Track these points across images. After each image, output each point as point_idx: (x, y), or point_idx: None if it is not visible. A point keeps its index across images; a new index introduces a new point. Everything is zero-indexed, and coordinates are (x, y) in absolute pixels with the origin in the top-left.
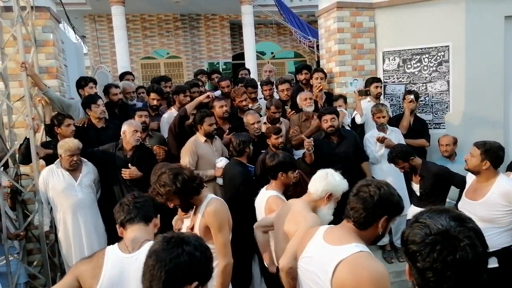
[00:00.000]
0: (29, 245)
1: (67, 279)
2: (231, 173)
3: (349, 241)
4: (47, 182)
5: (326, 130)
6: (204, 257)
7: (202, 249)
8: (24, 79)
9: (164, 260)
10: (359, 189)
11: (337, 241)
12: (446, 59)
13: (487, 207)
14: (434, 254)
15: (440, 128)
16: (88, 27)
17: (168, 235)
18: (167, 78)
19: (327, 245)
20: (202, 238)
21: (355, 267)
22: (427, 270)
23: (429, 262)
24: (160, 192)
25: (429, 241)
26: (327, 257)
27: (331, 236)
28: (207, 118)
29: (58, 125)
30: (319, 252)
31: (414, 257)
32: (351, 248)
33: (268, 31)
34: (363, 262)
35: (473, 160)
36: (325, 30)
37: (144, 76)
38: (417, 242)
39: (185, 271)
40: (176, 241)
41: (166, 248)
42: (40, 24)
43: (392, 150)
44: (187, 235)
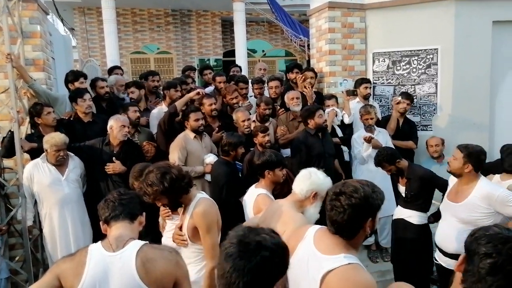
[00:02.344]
0: (11, 239)
1: (47, 277)
2: (216, 172)
3: (338, 252)
4: (32, 176)
5: (321, 125)
6: (283, 261)
7: (279, 252)
8: (9, 70)
9: (242, 270)
10: (332, 203)
11: (327, 250)
12: (435, 62)
13: (468, 209)
14: (502, 246)
15: (427, 130)
16: (77, 19)
17: (244, 237)
18: (155, 72)
19: (317, 253)
20: (278, 235)
21: (343, 279)
22: (488, 257)
23: (495, 250)
24: (147, 191)
25: (504, 236)
26: (316, 264)
27: (321, 243)
28: (192, 113)
29: (37, 115)
30: (309, 258)
31: (481, 243)
32: (339, 259)
33: (260, 29)
34: (351, 275)
35: (455, 163)
36: (316, 29)
37: (134, 71)
38: (491, 234)
39: (264, 280)
40: (253, 246)
41: (243, 255)
42: (27, 15)
43: (378, 154)
44: (264, 236)
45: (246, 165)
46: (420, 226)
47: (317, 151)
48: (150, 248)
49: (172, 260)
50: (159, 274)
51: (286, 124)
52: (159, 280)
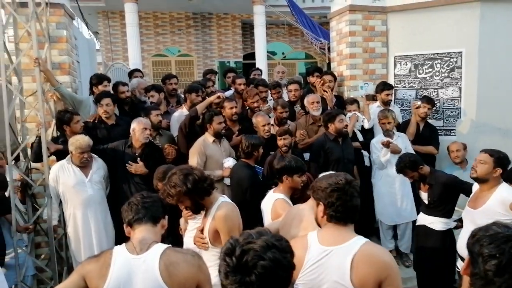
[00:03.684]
0: (37, 238)
1: (73, 277)
2: (238, 175)
3: (350, 237)
4: (58, 177)
5: (341, 130)
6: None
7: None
8: (37, 74)
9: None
10: (340, 192)
11: (339, 241)
12: (459, 65)
13: (486, 215)
14: (504, 246)
15: (450, 135)
16: (101, 23)
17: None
18: (172, 75)
19: (330, 248)
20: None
21: (370, 256)
22: (492, 258)
23: (497, 251)
24: (170, 193)
25: (505, 235)
26: (336, 258)
27: (327, 238)
28: (215, 117)
29: (67, 124)
30: (324, 257)
31: (483, 244)
32: (355, 242)
33: (280, 31)
34: (374, 250)
35: (484, 167)
36: (337, 32)
37: (155, 74)
38: (492, 234)
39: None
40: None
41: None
42: (54, 20)
43: (399, 161)
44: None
45: (267, 168)
46: (443, 232)
47: (335, 156)
48: (173, 251)
49: (194, 264)
50: (182, 277)
51: (305, 128)
52: (182, 283)
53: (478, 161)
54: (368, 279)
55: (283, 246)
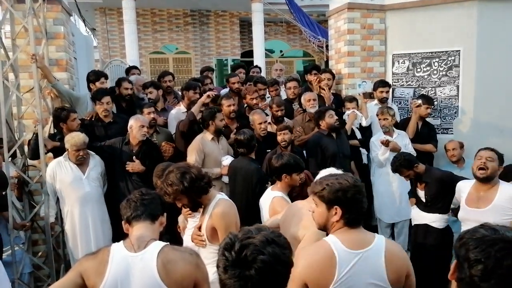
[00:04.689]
0: (34, 235)
1: (70, 275)
2: (245, 170)
3: (371, 237)
4: (55, 174)
5: (333, 124)
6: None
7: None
8: (34, 70)
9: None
10: (355, 194)
11: (366, 242)
12: (457, 64)
13: (496, 213)
14: (490, 249)
15: (448, 133)
16: (98, 20)
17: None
18: (168, 72)
19: (360, 251)
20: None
21: (397, 252)
22: (478, 263)
23: (483, 255)
24: (167, 191)
25: (491, 238)
26: (369, 260)
27: (354, 242)
28: (218, 113)
29: (63, 121)
30: (357, 262)
31: (469, 248)
32: (380, 241)
33: (278, 29)
34: (395, 246)
35: (493, 164)
36: (335, 30)
37: (153, 71)
38: (478, 237)
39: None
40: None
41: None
42: (51, 16)
43: (394, 160)
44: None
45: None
46: (443, 230)
47: (331, 151)
48: (171, 249)
49: (192, 262)
50: (179, 275)
51: (302, 126)
52: (179, 281)
53: (486, 158)
54: (401, 274)
55: (282, 242)
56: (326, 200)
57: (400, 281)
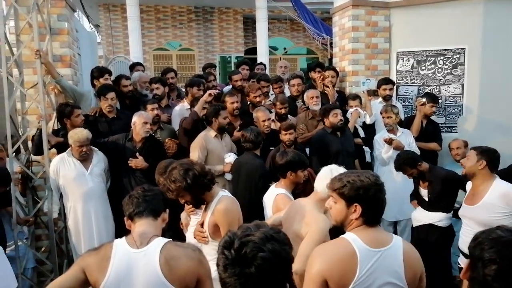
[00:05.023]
0: (38, 231)
1: (73, 270)
2: (250, 165)
3: (389, 235)
4: (58, 170)
5: (337, 124)
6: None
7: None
8: (38, 66)
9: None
10: (376, 193)
11: (385, 241)
12: (462, 62)
13: (485, 210)
14: (506, 250)
15: (452, 131)
16: (102, 16)
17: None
18: (170, 69)
19: (380, 250)
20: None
21: (412, 253)
22: (492, 263)
23: (498, 256)
24: (170, 187)
25: (507, 240)
26: (388, 259)
27: (374, 240)
28: (222, 111)
29: (67, 117)
30: (377, 260)
31: (484, 248)
32: (397, 241)
33: (282, 26)
34: (410, 247)
35: (468, 162)
36: (339, 28)
37: (156, 67)
38: (494, 238)
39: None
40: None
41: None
42: (55, 12)
43: (398, 158)
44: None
45: (270, 162)
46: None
47: (335, 149)
48: (173, 245)
49: (195, 258)
50: (182, 272)
51: (305, 123)
52: (182, 277)
53: (466, 158)
54: (417, 274)
55: (282, 238)
56: (346, 197)
57: (415, 281)
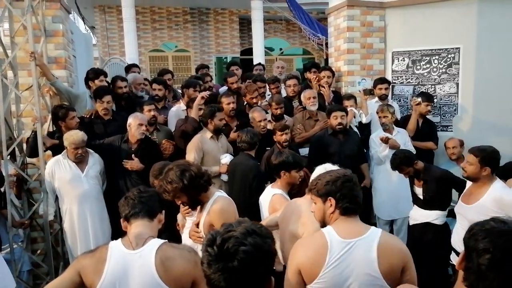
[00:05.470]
0: (33, 233)
1: (68, 272)
2: (244, 165)
3: (366, 227)
4: (53, 172)
5: (335, 127)
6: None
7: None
8: (33, 68)
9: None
10: (349, 184)
11: (359, 232)
12: (456, 61)
13: (478, 212)
14: (499, 240)
15: (447, 130)
16: (97, 18)
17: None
18: (166, 70)
19: (352, 240)
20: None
21: (392, 245)
22: (486, 252)
23: (491, 246)
24: (167, 189)
25: (500, 230)
26: (361, 250)
27: (347, 231)
28: (218, 112)
29: (62, 119)
30: (348, 250)
31: (478, 239)
32: (374, 232)
33: (277, 27)
34: (392, 239)
35: (471, 168)
36: (335, 28)
37: (152, 69)
38: (487, 228)
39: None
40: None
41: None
42: (50, 14)
43: (394, 157)
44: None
45: (265, 163)
46: (441, 226)
47: (332, 150)
48: (169, 247)
49: (191, 259)
50: (178, 273)
51: (302, 123)
52: (178, 279)
53: (466, 162)
54: (394, 267)
55: (263, 232)
56: (320, 194)
57: (393, 273)
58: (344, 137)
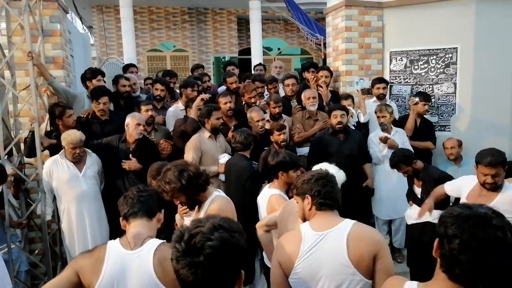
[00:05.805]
0: (31, 233)
1: (66, 272)
2: (237, 166)
3: (339, 220)
4: (51, 172)
5: (335, 126)
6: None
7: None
8: (30, 68)
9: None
10: (327, 181)
11: (331, 224)
12: (454, 61)
13: None
14: (465, 225)
15: (445, 130)
16: (95, 17)
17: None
18: (173, 73)
19: (324, 232)
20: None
21: (362, 234)
22: (455, 238)
23: (459, 231)
24: (165, 189)
25: (465, 215)
26: (332, 240)
27: (320, 224)
28: (214, 112)
29: (59, 117)
30: (319, 242)
31: (447, 226)
32: (347, 223)
33: (276, 27)
34: (364, 229)
35: (501, 177)
36: (333, 28)
37: (150, 69)
38: (455, 215)
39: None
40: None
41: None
42: (47, 13)
43: (393, 156)
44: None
45: (262, 163)
46: None
47: (332, 150)
48: (167, 247)
49: None
50: None
51: (302, 122)
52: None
53: (492, 177)
54: (363, 255)
55: (232, 226)
56: (298, 192)
57: (365, 262)
58: (344, 136)
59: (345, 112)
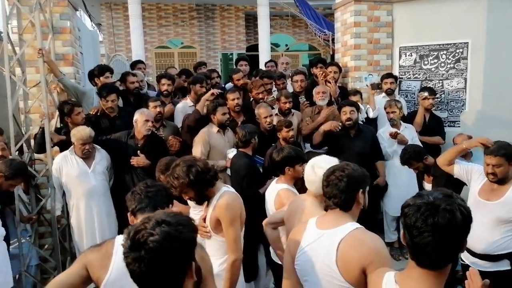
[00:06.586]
0: (41, 228)
1: (75, 267)
2: (236, 164)
3: (344, 222)
4: (61, 168)
5: (344, 123)
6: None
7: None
8: (40, 65)
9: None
10: (327, 179)
11: (332, 225)
12: (465, 56)
13: (505, 208)
14: (418, 214)
15: (455, 126)
16: (104, 15)
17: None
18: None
19: (323, 231)
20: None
21: (357, 241)
22: (412, 227)
23: (414, 220)
24: (173, 184)
25: (417, 204)
26: (326, 241)
27: (324, 222)
28: (220, 107)
29: (68, 115)
30: (317, 240)
31: (406, 216)
32: (347, 227)
33: (283, 23)
34: (362, 236)
35: (502, 169)
36: (342, 23)
37: (158, 65)
38: (410, 205)
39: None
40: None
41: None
42: (57, 11)
43: (404, 152)
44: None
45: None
46: None
47: (342, 146)
48: None
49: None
50: None
51: (311, 117)
52: None
53: (492, 166)
54: (351, 263)
55: (177, 220)
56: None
57: (352, 271)
58: (355, 133)
59: (355, 108)
